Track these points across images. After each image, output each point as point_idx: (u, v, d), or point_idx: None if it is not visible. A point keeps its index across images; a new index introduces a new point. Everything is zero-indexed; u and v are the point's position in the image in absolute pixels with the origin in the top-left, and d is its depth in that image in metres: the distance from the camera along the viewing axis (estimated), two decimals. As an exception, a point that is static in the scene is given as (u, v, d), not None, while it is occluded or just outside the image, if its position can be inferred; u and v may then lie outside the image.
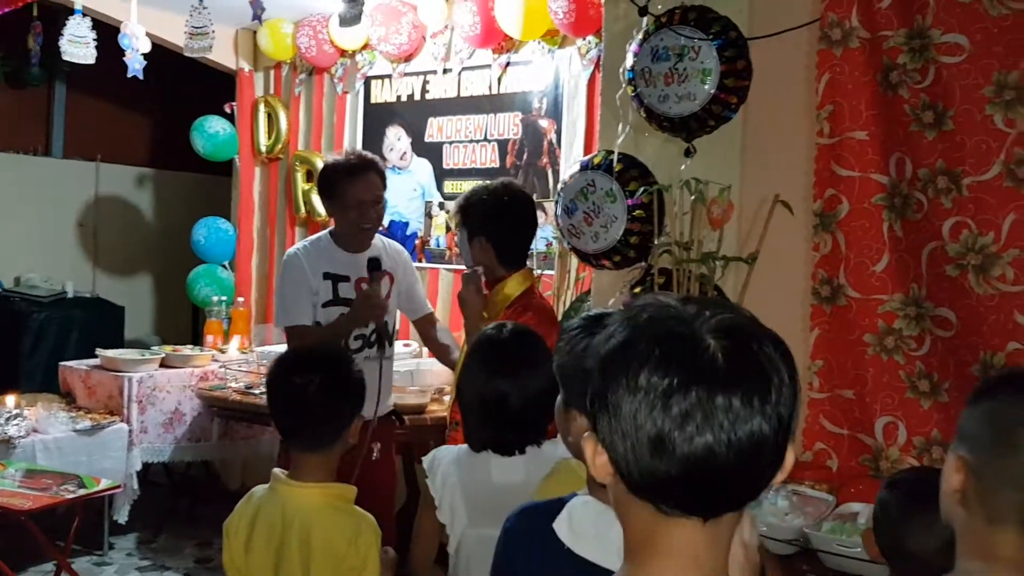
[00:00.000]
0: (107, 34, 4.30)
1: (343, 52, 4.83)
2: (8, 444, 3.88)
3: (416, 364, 3.96)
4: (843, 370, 2.64)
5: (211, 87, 5.53)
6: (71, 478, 3.79)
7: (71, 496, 3.65)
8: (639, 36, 2.74)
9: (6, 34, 5.16)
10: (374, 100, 4.83)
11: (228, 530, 1.94)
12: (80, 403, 4.44)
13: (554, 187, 3.95)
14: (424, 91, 4.63)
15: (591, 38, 3.87)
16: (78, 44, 3.99)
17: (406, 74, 4.68)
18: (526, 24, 3.95)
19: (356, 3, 3.02)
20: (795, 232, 2.68)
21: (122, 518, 4.30)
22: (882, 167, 2.57)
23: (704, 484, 0.82)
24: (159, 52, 4.67)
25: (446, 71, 4.51)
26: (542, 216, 3.47)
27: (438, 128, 4.58)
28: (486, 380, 1.89)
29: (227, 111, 5.29)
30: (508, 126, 4.32)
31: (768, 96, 2.69)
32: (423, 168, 4.63)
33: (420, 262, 4.57)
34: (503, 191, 2.76)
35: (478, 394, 1.91)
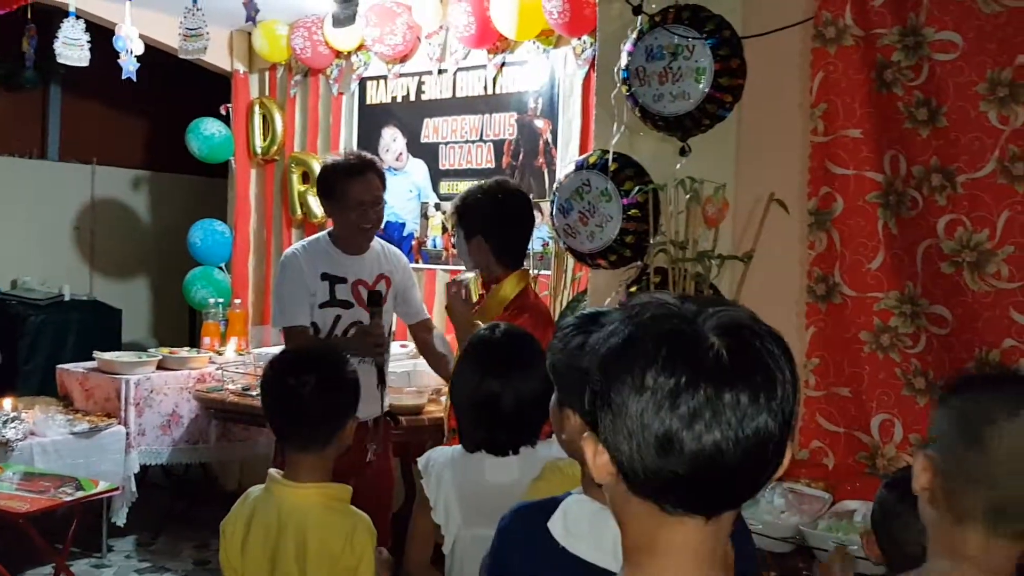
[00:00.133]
0: (102, 36, 4.30)
1: (338, 53, 4.83)
2: (6, 447, 3.88)
3: (413, 365, 3.96)
4: (839, 368, 2.64)
5: (206, 89, 5.53)
6: (69, 481, 3.79)
7: (69, 499, 3.65)
8: (633, 35, 2.75)
9: (0, 37, 5.15)
10: (369, 101, 4.83)
11: (224, 530, 1.94)
12: (77, 406, 4.44)
13: (550, 187, 3.94)
14: (419, 92, 4.63)
15: (586, 38, 3.86)
16: (72, 47, 3.99)
17: (401, 75, 4.68)
18: (521, 24, 3.95)
19: (350, 4, 3.02)
20: (790, 230, 2.68)
21: (120, 520, 4.30)
22: (876, 165, 2.57)
23: (710, 482, 0.82)
24: (155, 54, 4.67)
25: (441, 72, 4.51)
26: (538, 216, 3.47)
27: (434, 129, 4.58)
28: (479, 381, 1.90)
29: (222, 113, 5.29)
30: (504, 126, 4.32)
31: (762, 94, 2.69)
32: (419, 169, 4.63)
33: (416, 263, 4.57)
34: (498, 190, 2.76)
35: (471, 395, 1.91)
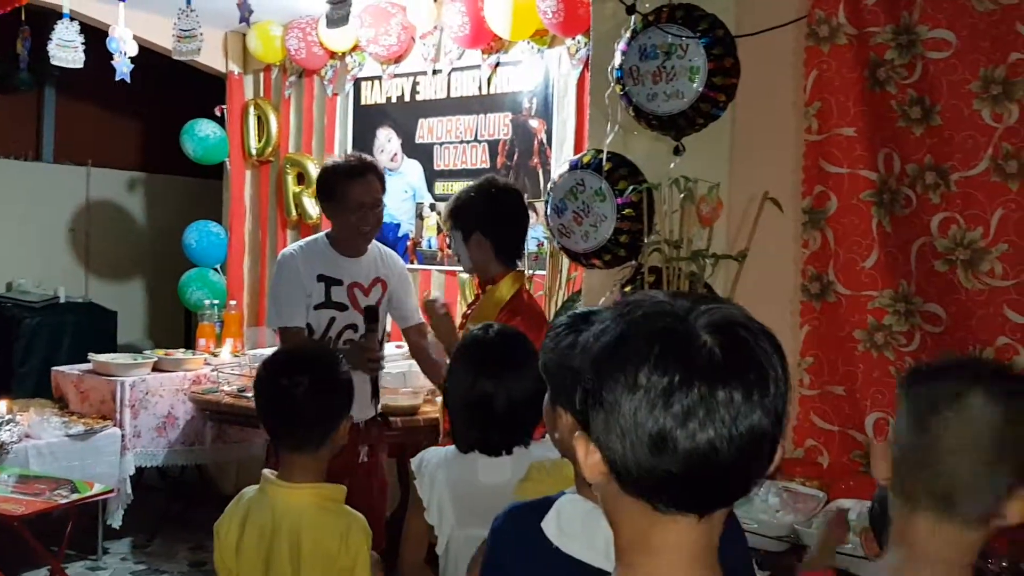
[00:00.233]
0: (96, 38, 4.28)
1: (333, 54, 4.83)
2: (1, 450, 3.87)
3: (408, 366, 3.94)
4: (833, 366, 2.64)
5: (201, 90, 5.52)
6: (64, 483, 3.78)
7: (64, 501, 3.65)
8: (627, 35, 2.75)
9: (-6, 39, 5.14)
10: (364, 102, 4.82)
11: (219, 531, 1.94)
12: (73, 408, 4.43)
13: (545, 187, 3.94)
14: (414, 92, 4.62)
15: (580, 37, 3.86)
16: (66, 48, 3.97)
17: (396, 75, 4.68)
18: (515, 24, 3.95)
19: (343, 4, 3.01)
20: (784, 229, 2.68)
21: (116, 522, 4.29)
22: (870, 163, 2.57)
23: (704, 481, 0.82)
24: (149, 56, 4.66)
25: (436, 72, 4.50)
26: (533, 216, 3.46)
27: (428, 129, 4.58)
28: (472, 381, 1.89)
29: (217, 114, 5.29)
30: (498, 126, 4.32)
31: (756, 93, 2.70)
32: (414, 169, 4.63)
33: (412, 264, 4.57)
34: (490, 185, 2.76)
35: (464, 395, 1.91)
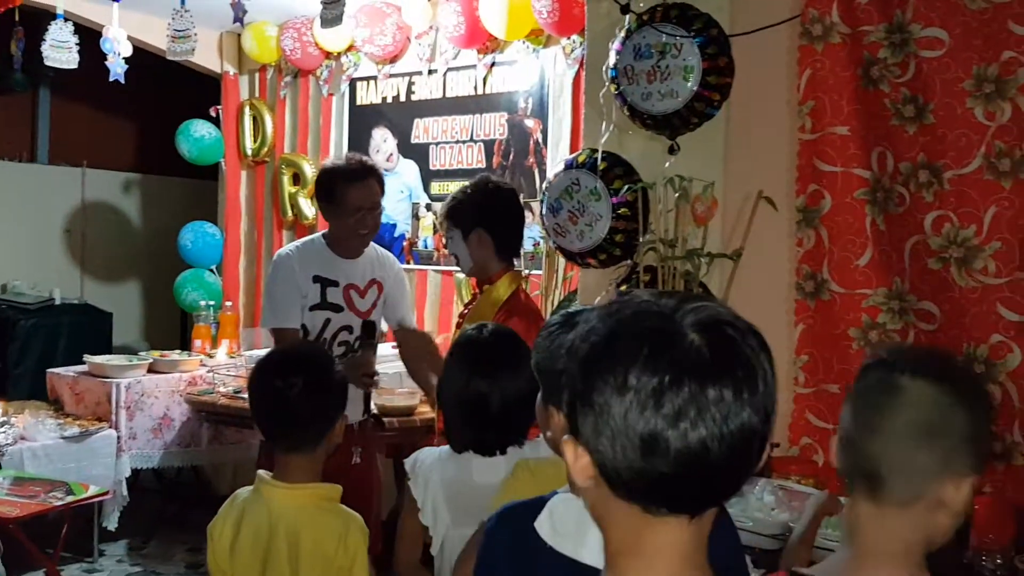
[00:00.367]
0: (90, 39, 4.28)
1: (328, 54, 4.83)
2: (-5, 452, 3.87)
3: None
4: (828, 365, 2.64)
5: (196, 91, 5.52)
6: (59, 485, 3.78)
7: (59, 503, 3.64)
8: (621, 34, 2.75)
9: (-12, 40, 5.13)
10: (359, 102, 4.82)
11: (212, 533, 1.93)
12: (68, 410, 4.42)
13: (541, 187, 3.94)
14: (409, 92, 4.62)
15: (576, 37, 3.86)
16: (60, 49, 3.97)
17: (391, 75, 4.68)
18: (510, 24, 3.95)
19: (336, 4, 3.01)
20: (779, 228, 2.68)
21: (112, 525, 4.28)
22: (864, 162, 2.57)
23: (695, 480, 0.81)
24: (144, 56, 4.65)
25: (431, 72, 4.51)
26: (529, 215, 3.46)
27: (424, 129, 4.57)
28: (467, 381, 1.89)
29: (212, 115, 5.28)
30: (494, 126, 4.32)
31: (750, 92, 2.70)
32: (410, 169, 4.63)
33: (408, 264, 4.57)
34: (485, 182, 2.76)
35: (459, 395, 1.91)
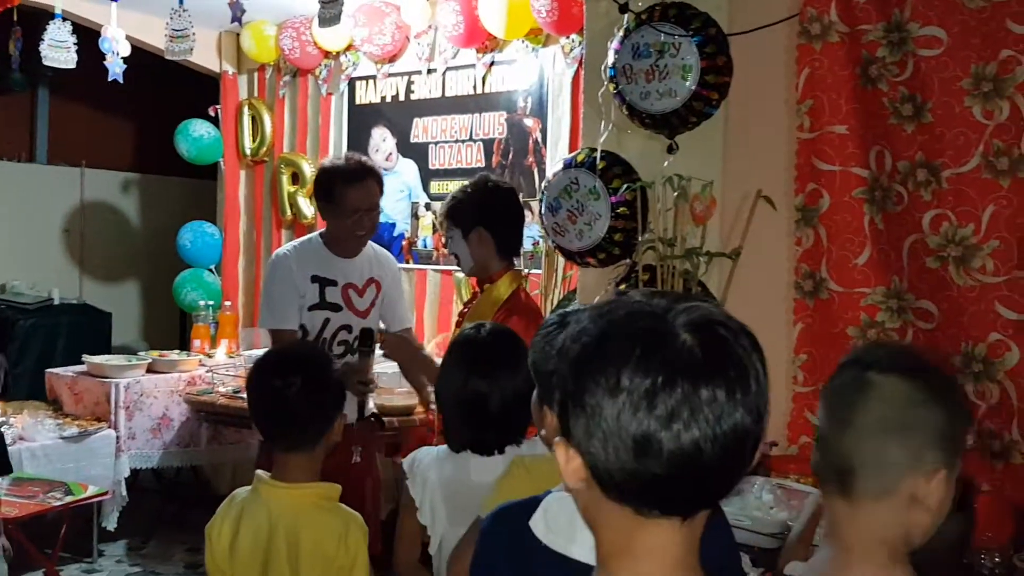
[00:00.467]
0: (89, 38, 4.28)
1: (327, 53, 4.83)
2: (-5, 452, 3.86)
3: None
4: (827, 363, 2.64)
5: (195, 90, 5.52)
6: (58, 485, 3.78)
7: (59, 503, 3.65)
8: (620, 33, 2.75)
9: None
10: (359, 101, 4.82)
11: (210, 533, 1.93)
12: (67, 410, 4.42)
13: (540, 186, 3.94)
14: (409, 91, 4.62)
15: (575, 36, 3.86)
16: (59, 49, 3.97)
17: (390, 75, 4.68)
18: (510, 23, 3.95)
19: (334, 3, 3.01)
20: (777, 227, 2.68)
21: (111, 525, 4.28)
22: (862, 161, 2.57)
23: (688, 481, 0.81)
24: (143, 56, 4.65)
25: (430, 71, 4.51)
26: (528, 215, 3.46)
27: (423, 128, 4.57)
28: (465, 381, 1.89)
29: (211, 114, 5.28)
30: (493, 125, 4.32)
31: (749, 92, 2.70)
32: (409, 169, 4.63)
33: (407, 263, 4.57)
34: (485, 181, 2.75)
35: (457, 395, 1.91)
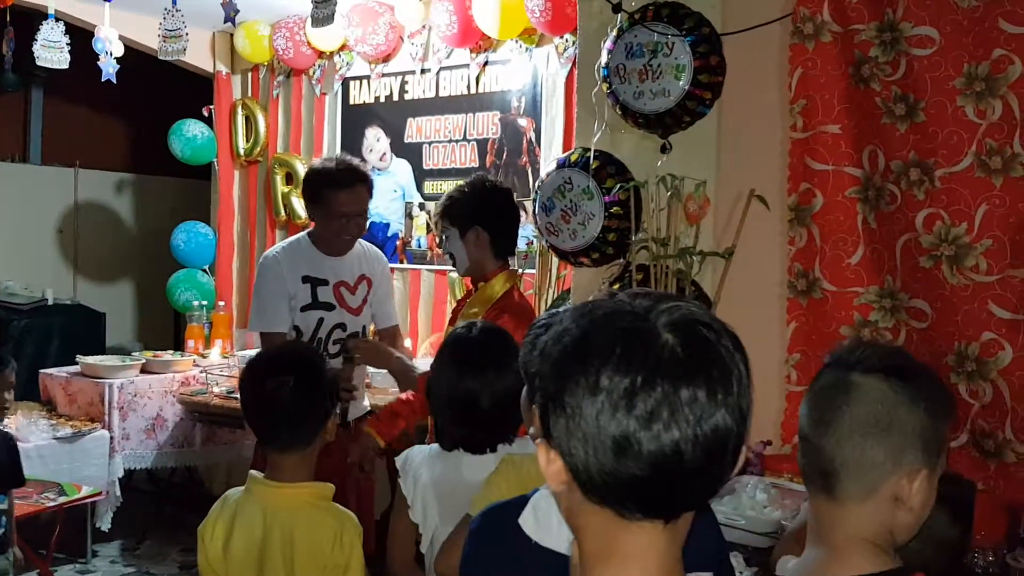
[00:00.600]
0: (82, 39, 4.27)
1: (320, 53, 4.82)
2: (-12, 453, 3.85)
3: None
4: (820, 363, 2.62)
5: (189, 90, 5.51)
6: (51, 486, 3.77)
7: (52, 504, 3.64)
8: (613, 33, 2.75)
9: (-20, 40, 5.10)
10: (352, 101, 4.82)
11: (203, 535, 1.92)
12: (61, 410, 4.41)
13: (534, 185, 3.94)
14: (403, 91, 4.62)
15: (568, 36, 3.87)
16: (52, 49, 3.95)
17: (384, 75, 4.67)
18: (503, 23, 3.95)
19: (327, 3, 3.00)
20: (771, 226, 2.69)
21: (105, 525, 4.27)
22: (855, 160, 2.58)
23: (670, 483, 0.80)
24: (137, 56, 4.64)
25: (424, 71, 4.50)
26: (522, 215, 3.46)
27: (417, 128, 4.57)
28: (456, 380, 1.89)
29: (205, 114, 5.27)
30: (487, 125, 4.32)
31: (742, 91, 2.71)
32: (403, 169, 4.63)
33: (401, 263, 4.57)
34: (483, 181, 2.76)
35: (448, 394, 1.91)
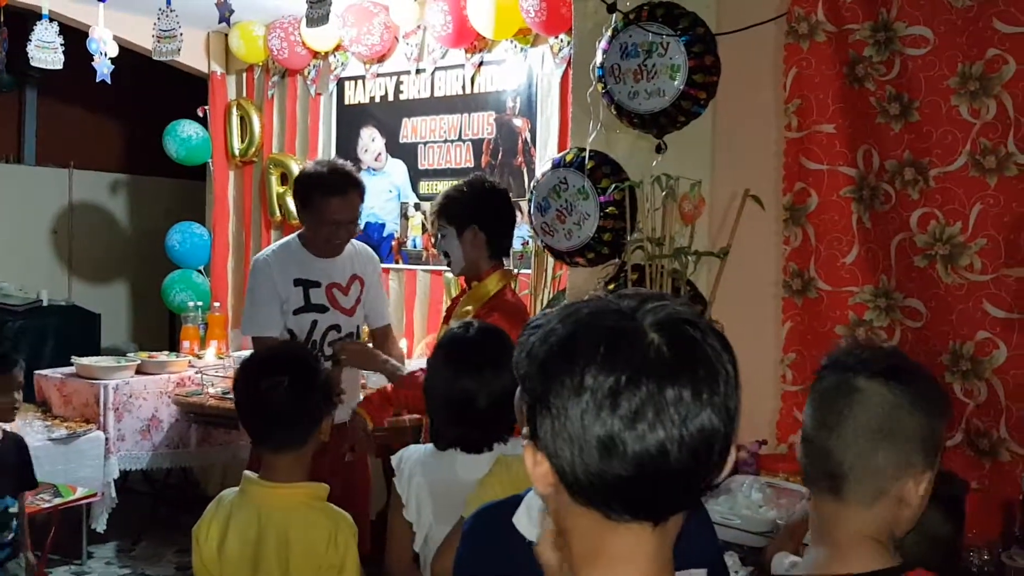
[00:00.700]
0: (76, 39, 4.26)
1: (315, 54, 4.82)
2: (-18, 455, 3.84)
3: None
4: (815, 362, 2.61)
5: (183, 91, 5.50)
6: (47, 487, 3.75)
7: (47, 505, 3.63)
8: (608, 33, 2.75)
9: (-27, 41, 5.09)
10: (347, 101, 4.81)
11: (198, 536, 1.92)
12: (56, 412, 4.40)
13: (529, 186, 3.94)
14: (398, 92, 4.62)
15: (563, 36, 3.87)
16: (46, 49, 3.95)
17: (379, 75, 4.67)
18: (498, 23, 3.95)
19: (322, 3, 3.00)
20: (766, 226, 2.69)
21: (100, 527, 4.26)
22: (850, 160, 2.58)
23: (656, 484, 0.80)
24: (131, 57, 4.63)
25: (419, 71, 4.50)
26: (518, 215, 3.46)
27: (412, 129, 4.57)
28: (452, 379, 1.89)
29: (200, 115, 5.26)
30: (482, 126, 4.32)
31: (737, 91, 2.71)
32: (398, 169, 4.62)
33: (397, 263, 4.57)
34: (480, 181, 2.75)
35: (444, 393, 1.91)
